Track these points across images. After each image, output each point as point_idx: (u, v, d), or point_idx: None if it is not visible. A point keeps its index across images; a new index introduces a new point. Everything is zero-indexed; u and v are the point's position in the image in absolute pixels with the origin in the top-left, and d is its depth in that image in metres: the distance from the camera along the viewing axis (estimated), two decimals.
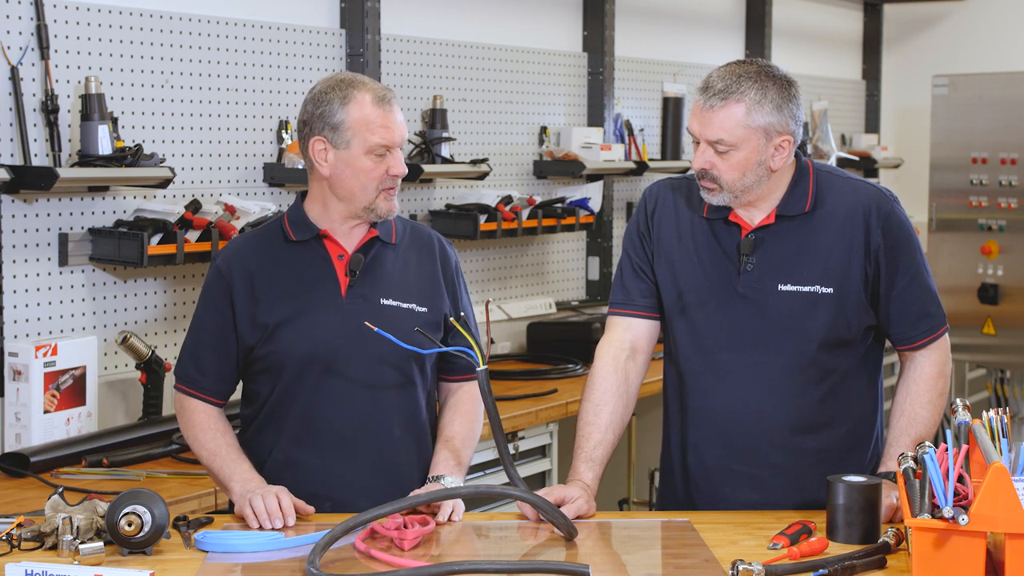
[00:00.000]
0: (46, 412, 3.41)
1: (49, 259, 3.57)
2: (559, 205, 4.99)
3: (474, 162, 4.69)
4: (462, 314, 2.82)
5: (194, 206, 3.70)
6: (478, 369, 2.61)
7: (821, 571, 2.25)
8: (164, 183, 3.61)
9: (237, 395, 2.87)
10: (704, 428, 2.82)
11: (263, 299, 2.73)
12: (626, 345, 2.87)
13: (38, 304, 3.55)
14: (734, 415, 2.78)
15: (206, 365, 2.77)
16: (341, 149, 2.69)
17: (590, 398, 2.84)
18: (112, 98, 3.65)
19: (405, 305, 2.76)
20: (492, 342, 2.61)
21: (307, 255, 2.76)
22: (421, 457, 2.80)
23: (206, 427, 2.74)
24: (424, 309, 2.78)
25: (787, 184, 2.77)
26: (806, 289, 2.73)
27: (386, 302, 2.75)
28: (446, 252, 2.89)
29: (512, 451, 4.04)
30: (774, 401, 2.76)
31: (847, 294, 2.74)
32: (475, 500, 3.80)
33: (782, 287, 2.74)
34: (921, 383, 2.79)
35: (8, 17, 3.43)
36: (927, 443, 2.32)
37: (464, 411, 2.87)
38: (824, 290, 2.73)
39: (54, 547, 2.35)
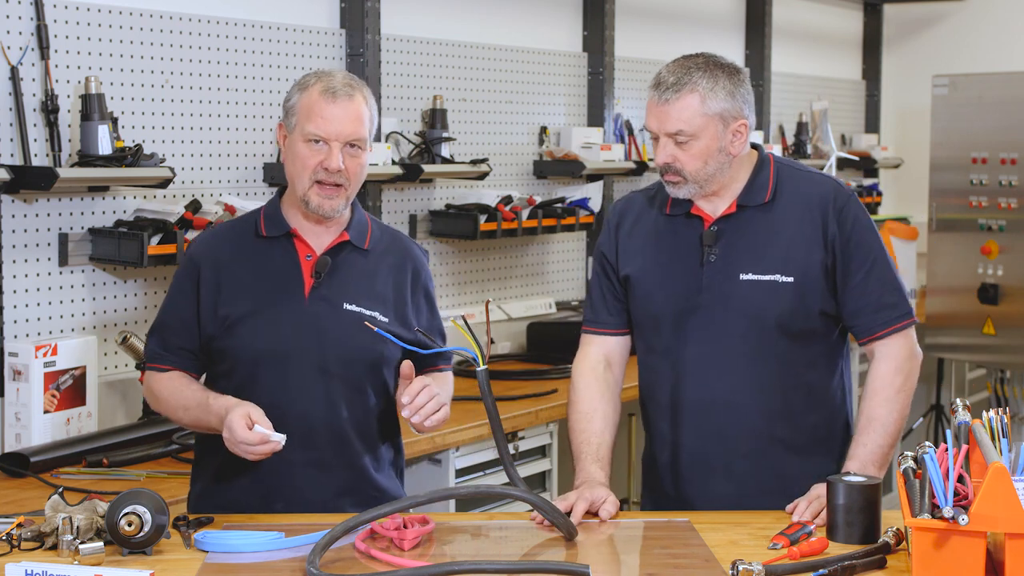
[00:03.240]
0: (46, 412, 3.41)
1: (49, 259, 3.57)
2: (559, 205, 4.99)
3: (474, 162, 4.69)
4: (462, 319, 2.79)
5: (194, 206, 3.70)
6: (478, 369, 2.61)
7: (821, 571, 2.25)
8: (164, 183, 3.61)
9: None
10: (675, 421, 2.86)
11: (227, 291, 2.73)
12: (600, 358, 2.95)
13: (38, 304, 3.55)
14: (704, 406, 2.82)
15: (171, 346, 2.77)
16: (288, 133, 2.74)
17: (578, 409, 2.88)
18: (112, 98, 3.65)
19: (368, 312, 2.74)
20: (492, 342, 2.62)
21: (275, 252, 2.76)
22: (377, 457, 2.80)
23: (170, 389, 2.74)
24: (386, 319, 2.76)
25: (748, 174, 2.84)
26: (767, 278, 2.78)
27: (348, 307, 2.74)
28: (419, 273, 2.87)
29: (512, 451, 4.04)
30: (742, 390, 2.80)
31: (807, 283, 2.78)
32: (475, 500, 3.82)
33: (744, 276, 2.79)
34: (877, 380, 2.78)
35: (8, 17, 3.43)
36: (927, 443, 2.32)
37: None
38: (784, 279, 2.77)
39: (54, 547, 2.35)
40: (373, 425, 2.79)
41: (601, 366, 2.93)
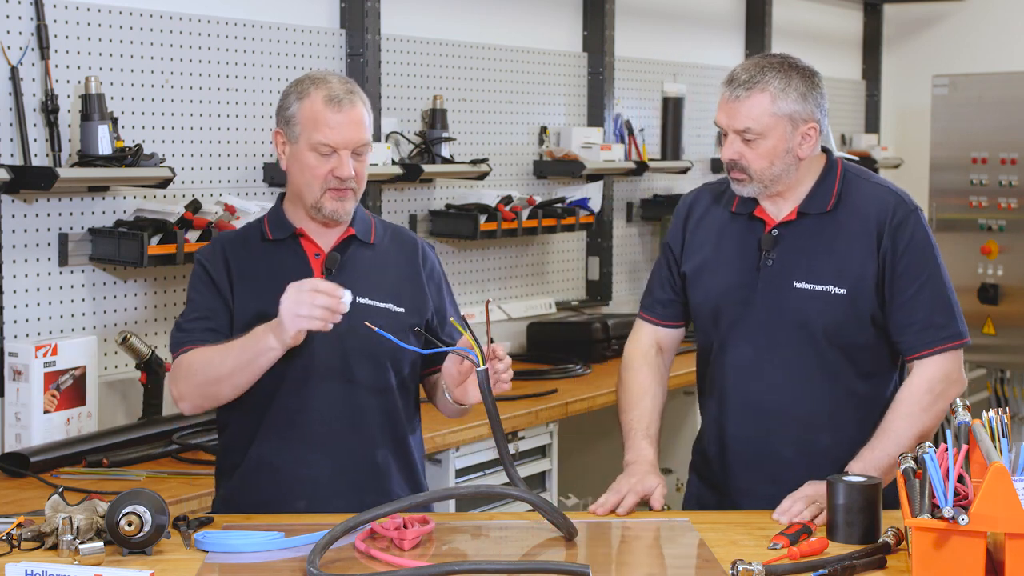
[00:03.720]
0: (46, 412, 3.41)
1: (49, 259, 3.57)
2: (559, 205, 4.98)
3: (474, 162, 4.69)
4: (462, 319, 2.80)
5: (194, 206, 3.70)
6: (478, 369, 2.61)
7: (821, 571, 2.25)
8: (164, 183, 3.61)
9: None
10: (723, 418, 2.88)
11: (240, 296, 2.73)
12: (652, 343, 3.00)
13: (38, 304, 3.55)
14: (751, 409, 2.83)
15: (200, 328, 2.72)
16: (292, 143, 2.73)
17: (629, 388, 2.94)
18: (112, 98, 3.65)
19: (382, 305, 2.75)
20: (492, 342, 2.63)
21: (283, 253, 2.77)
22: (399, 455, 2.80)
23: (203, 350, 2.65)
24: (401, 310, 2.78)
25: (815, 179, 2.83)
26: (820, 288, 2.77)
27: (362, 301, 2.73)
28: (428, 256, 2.89)
29: (512, 451, 4.04)
30: (786, 396, 2.80)
31: (859, 297, 2.76)
32: (475, 500, 3.82)
33: (797, 284, 2.78)
34: (906, 393, 2.76)
35: (8, 17, 3.43)
36: (927, 443, 2.32)
37: None
38: (837, 290, 2.76)
39: (54, 547, 2.35)
40: (395, 419, 2.79)
41: (653, 351, 2.98)
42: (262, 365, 2.60)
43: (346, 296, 2.50)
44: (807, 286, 2.77)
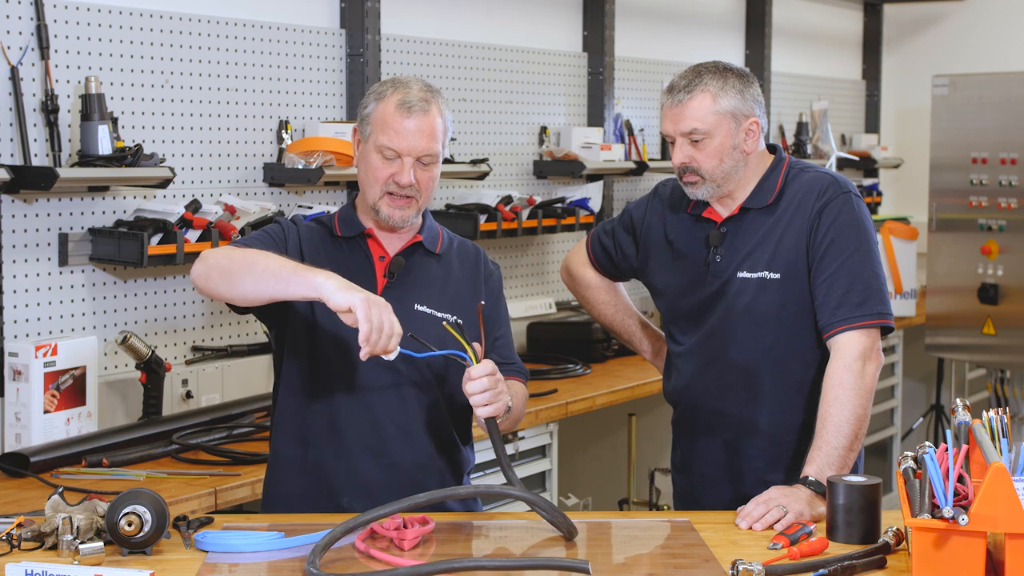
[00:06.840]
0: (46, 412, 3.41)
1: (49, 259, 3.57)
2: (559, 205, 4.99)
3: (474, 162, 4.69)
4: (454, 321, 2.78)
5: (194, 206, 3.70)
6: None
7: (821, 571, 2.25)
8: (164, 183, 3.61)
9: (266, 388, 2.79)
10: (679, 409, 3.05)
11: None
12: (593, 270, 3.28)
13: (38, 304, 3.55)
14: (697, 394, 2.97)
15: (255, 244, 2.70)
16: (364, 141, 2.76)
17: (599, 298, 3.27)
18: (112, 98, 3.64)
19: (440, 314, 2.75)
20: (483, 344, 2.64)
21: (350, 252, 2.79)
22: (444, 458, 2.80)
23: (253, 250, 2.61)
24: (462, 322, 2.77)
25: (760, 176, 2.92)
26: (756, 275, 2.87)
27: (420, 308, 2.75)
28: (490, 269, 2.91)
29: (512, 451, 4.04)
30: (730, 381, 2.91)
31: (794, 280, 2.85)
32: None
33: (739, 274, 2.89)
34: (828, 379, 2.77)
35: (8, 17, 3.43)
36: (927, 443, 2.32)
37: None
38: (772, 275, 2.86)
39: (54, 547, 2.35)
40: (445, 426, 2.79)
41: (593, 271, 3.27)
42: (290, 292, 2.50)
43: (393, 355, 2.48)
44: (747, 275, 2.88)
